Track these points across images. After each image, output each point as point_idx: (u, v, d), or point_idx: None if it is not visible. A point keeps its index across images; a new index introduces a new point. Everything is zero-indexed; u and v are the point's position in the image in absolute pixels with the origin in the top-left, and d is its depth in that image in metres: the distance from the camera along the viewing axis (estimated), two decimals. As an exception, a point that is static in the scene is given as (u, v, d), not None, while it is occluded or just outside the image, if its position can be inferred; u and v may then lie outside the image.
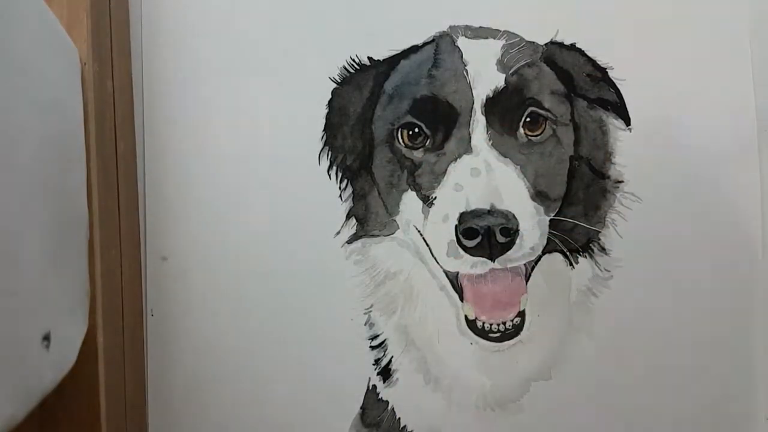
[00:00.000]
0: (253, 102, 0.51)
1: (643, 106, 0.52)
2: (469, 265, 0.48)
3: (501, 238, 0.47)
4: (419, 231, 0.51)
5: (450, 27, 0.52)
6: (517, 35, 0.51)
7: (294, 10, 0.52)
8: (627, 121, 0.52)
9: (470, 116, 0.50)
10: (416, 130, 0.50)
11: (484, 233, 0.47)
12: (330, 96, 0.51)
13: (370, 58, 0.52)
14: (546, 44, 0.52)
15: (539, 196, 0.50)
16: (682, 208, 0.52)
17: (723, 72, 0.53)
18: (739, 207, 0.52)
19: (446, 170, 0.49)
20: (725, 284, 0.52)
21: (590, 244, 0.52)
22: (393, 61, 0.51)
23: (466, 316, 0.51)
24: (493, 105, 0.49)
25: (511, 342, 0.51)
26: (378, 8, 0.52)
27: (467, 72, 0.50)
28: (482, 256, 0.48)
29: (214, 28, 0.52)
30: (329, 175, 0.52)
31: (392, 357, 0.52)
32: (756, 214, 0.52)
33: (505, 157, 0.49)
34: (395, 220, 0.52)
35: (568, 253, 0.51)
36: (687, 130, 0.52)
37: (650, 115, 0.51)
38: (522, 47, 0.51)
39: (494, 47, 0.51)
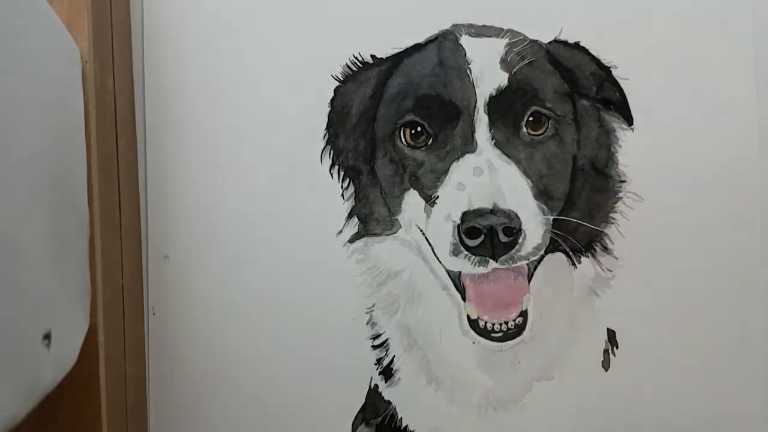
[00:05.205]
0: (254, 100, 0.51)
1: (645, 106, 0.52)
2: (471, 265, 0.48)
3: (504, 238, 0.47)
4: (421, 230, 0.50)
5: (453, 25, 0.51)
6: (520, 34, 0.51)
7: (296, 8, 0.52)
8: (629, 120, 0.52)
9: (473, 115, 0.49)
10: (419, 128, 0.50)
11: (487, 233, 0.47)
12: (332, 94, 0.51)
13: (373, 56, 0.51)
14: (549, 43, 0.51)
15: (542, 195, 0.49)
16: (684, 208, 0.52)
17: (726, 72, 0.53)
18: (741, 206, 0.52)
19: (449, 169, 0.49)
20: (726, 283, 0.52)
21: (593, 244, 0.52)
22: (396, 59, 0.51)
23: (468, 316, 0.50)
24: (496, 104, 0.49)
25: (513, 342, 0.50)
26: (381, 6, 0.52)
27: (470, 70, 0.50)
28: (485, 256, 0.47)
29: (215, 26, 0.51)
30: (331, 174, 0.51)
31: (394, 357, 0.52)
32: (757, 212, 0.52)
33: (508, 156, 0.49)
34: (397, 219, 0.51)
35: (570, 253, 0.51)
36: (689, 130, 0.52)
37: (653, 114, 0.51)
38: (525, 46, 0.51)
39: (497, 46, 0.51)
